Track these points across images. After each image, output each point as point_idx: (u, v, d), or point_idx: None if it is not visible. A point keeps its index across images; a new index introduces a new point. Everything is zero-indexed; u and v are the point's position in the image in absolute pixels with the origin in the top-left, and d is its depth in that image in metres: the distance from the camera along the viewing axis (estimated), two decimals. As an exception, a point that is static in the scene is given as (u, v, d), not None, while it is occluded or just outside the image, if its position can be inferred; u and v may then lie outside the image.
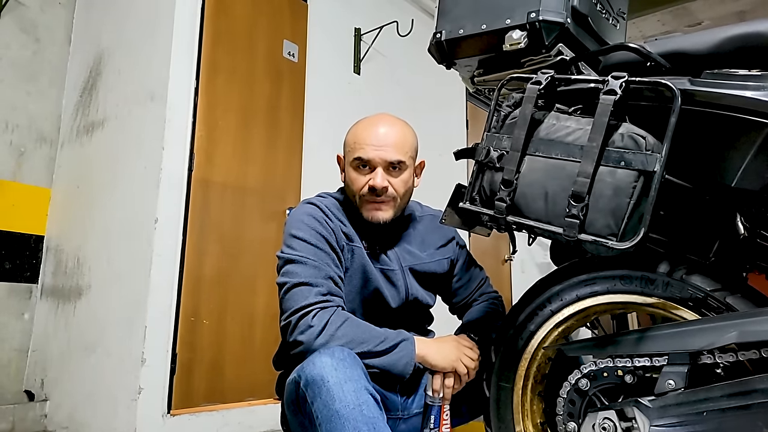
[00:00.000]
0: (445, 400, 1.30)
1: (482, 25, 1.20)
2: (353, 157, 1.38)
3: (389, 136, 1.37)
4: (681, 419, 0.98)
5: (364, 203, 1.39)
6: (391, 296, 1.43)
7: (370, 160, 1.36)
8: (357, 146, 1.37)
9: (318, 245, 1.32)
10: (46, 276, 2.81)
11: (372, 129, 1.38)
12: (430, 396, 1.30)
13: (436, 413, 1.29)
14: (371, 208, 1.39)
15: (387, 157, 1.36)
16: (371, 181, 1.36)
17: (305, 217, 1.36)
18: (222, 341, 2.52)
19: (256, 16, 2.89)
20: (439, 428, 1.29)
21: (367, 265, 1.40)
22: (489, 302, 1.57)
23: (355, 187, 1.39)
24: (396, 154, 1.37)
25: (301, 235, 1.32)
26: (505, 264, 4.81)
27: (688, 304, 1.05)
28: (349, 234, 1.40)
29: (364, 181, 1.37)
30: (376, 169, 1.36)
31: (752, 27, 1.00)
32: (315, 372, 1.11)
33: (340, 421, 1.06)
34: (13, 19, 2.79)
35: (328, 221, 1.37)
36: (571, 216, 0.97)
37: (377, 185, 1.35)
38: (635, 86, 1.00)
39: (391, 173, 1.38)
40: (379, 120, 1.42)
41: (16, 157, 2.77)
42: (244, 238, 2.67)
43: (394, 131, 1.39)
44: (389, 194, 1.38)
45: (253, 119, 2.80)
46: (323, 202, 1.42)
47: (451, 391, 1.30)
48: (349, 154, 1.40)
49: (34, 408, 2.57)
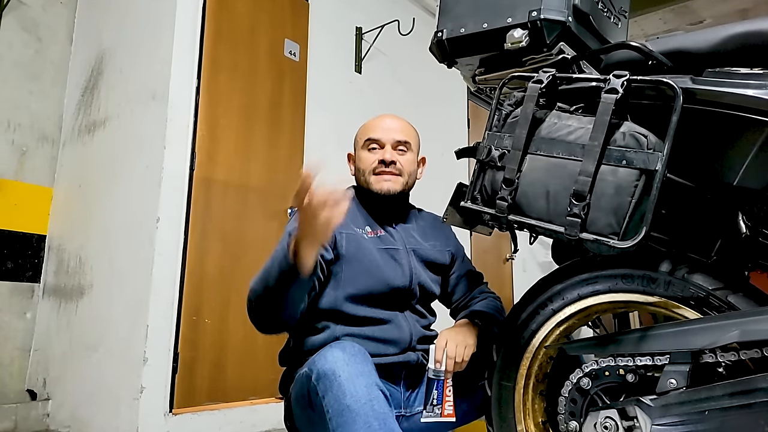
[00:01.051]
0: (447, 374, 1.30)
1: (483, 24, 1.20)
2: (365, 139, 1.52)
3: (396, 123, 1.55)
4: (683, 418, 0.98)
5: (374, 176, 1.50)
6: (395, 275, 1.45)
7: (380, 138, 1.51)
8: (368, 130, 1.53)
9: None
10: (48, 275, 2.81)
11: (381, 118, 1.57)
12: (433, 369, 1.29)
13: (440, 389, 1.29)
14: (380, 179, 1.49)
15: (395, 136, 1.51)
16: (381, 156, 1.49)
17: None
18: (224, 340, 2.52)
19: (257, 14, 2.89)
20: (441, 405, 1.28)
21: (365, 248, 1.43)
22: (490, 299, 1.58)
23: (365, 164, 1.51)
24: (403, 135, 1.52)
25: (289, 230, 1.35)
26: (507, 263, 4.81)
27: (689, 303, 1.05)
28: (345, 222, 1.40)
29: (375, 157, 1.50)
30: (385, 147, 1.50)
31: (754, 25, 1.00)
32: (327, 366, 1.12)
33: (351, 415, 1.07)
34: (15, 18, 2.80)
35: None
36: (573, 215, 0.97)
37: (387, 158, 1.49)
38: (637, 85, 1.00)
39: (398, 151, 1.51)
40: (386, 114, 1.60)
41: (18, 157, 2.77)
42: (245, 237, 2.67)
43: (401, 121, 1.57)
44: (397, 167, 1.50)
45: (254, 118, 2.80)
46: None
47: (453, 363, 1.31)
48: (360, 140, 1.54)
49: (36, 407, 2.58)
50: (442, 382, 1.29)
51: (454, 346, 1.34)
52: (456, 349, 1.33)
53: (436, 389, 1.29)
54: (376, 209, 1.53)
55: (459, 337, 1.37)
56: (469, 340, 1.37)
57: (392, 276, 1.44)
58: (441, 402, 1.28)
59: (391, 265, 1.45)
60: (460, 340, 1.36)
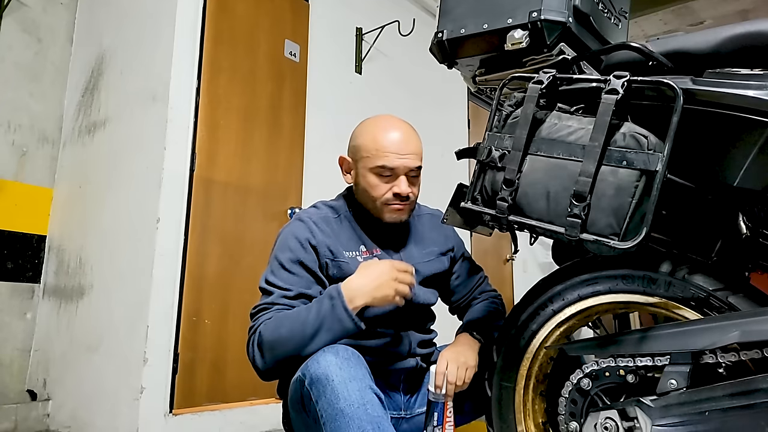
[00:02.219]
0: (448, 397, 1.30)
1: (484, 25, 1.20)
2: (376, 165, 1.38)
3: (410, 145, 1.40)
4: (683, 419, 0.98)
5: (386, 207, 1.41)
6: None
7: (395, 168, 1.37)
8: (380, 154, 1.37)
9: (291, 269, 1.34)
10: (48, 276, 2.81)
11: (391, 135, 1.39)
12: (432, 392, 1.29)
13: (440, 411, 1.29)
14: (394, 212, 1.41)
15: (410, 164, 1.39)
16: (396, 188, 1.38)
17: (289, 240, 1.38)
18: (224, 341, 2.52)
19: (257, 15, 2.89)
20: (442, 426, 1.28)
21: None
22: (489, 301, 1.57)
23: (376, 193, 1.40)
24: (417, 161, 1.40)
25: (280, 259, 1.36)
26: (507, 263, 4.81)
27: (690, 303, 1.05)
28: (335, 248, 1.39)
29: (387, 188, 1.39)
30: (398, 175, 1.39)
31: (755, 26, 1.00)
32: (320, 371, 1.11)
33: (345, 419, 1.06)
34: (16, 19, 2.80)
35: (312, 240, 1.37)
36: (573, 215, 0.97)
37: (403, 192, 1.38)
38: (637, 85, 1.00)
39: (410, 179, 1.41)
40: (393, 125, 1.43)
41: (19, 157, 2.77)
42: (245, 238, 2.67)
43: (413, 138, 1.42)
44: (411, 199, 1.42)
45: (254, 119, 2.80)
46: (313, 217, 1.43)
47: (453, 387, 1.30)
48: (368, 160, 1.39)
49: (36, 407, 2.58)
50: (442, 404, 1.29)
51: (455, 369, 1.31)
52: (457, 372, 1.31)
53: (437, 411, 1.28)
54: (377, 231, 1.47)
55: (460, 358, 1.33)
56: (470, 360, 1.34)
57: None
58: (441, 423, 1.28)
59: None
60: (461, 362, 1.32)
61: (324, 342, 1.20)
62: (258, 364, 1.25)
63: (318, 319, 1.21)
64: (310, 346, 1.19)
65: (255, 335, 1.26)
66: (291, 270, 1.34)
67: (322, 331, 1.20)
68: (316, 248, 1.37)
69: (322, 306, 1.23)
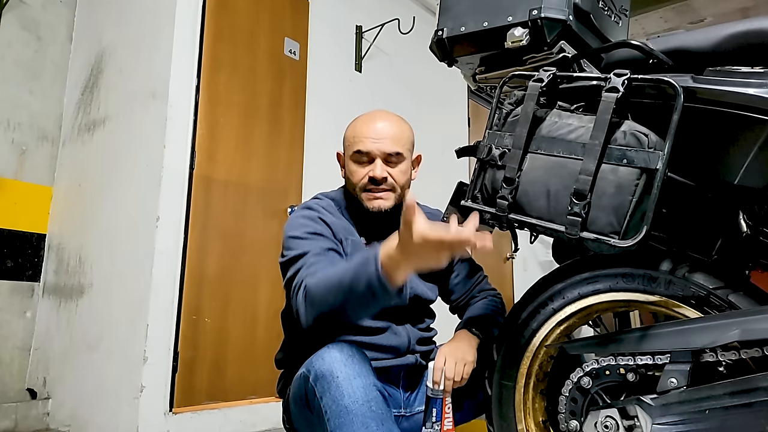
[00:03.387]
0: (446, 393, 1.29)
1: (484, 23, 1.20)
2: (353, 151, 1.41)
3: (386, 129, 1.41)
4: (683, 417, 0.98)
5: (365, 194, 1.42)
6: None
7: (369, 151, 1.39)
8: (356, 140, 1.41)
9: (310, 239, 1.33)
10: (48, 274, 2.81)
11: (370, 123, 1.42)
12: (431, 389, 1.29)
13: (438, 407, 1.28)
14: (372, 198, 1.41)
15: (385, 148, 1.39)
16: (371, 172, 1.40)
17: (300, 219, 1.39)
18: (224, 339, 2.52)
19: (257, 13, 2.89)
20: (441, 422, 1.28)
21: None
22: (489, 299, 1.57)
23: (355, 179, 1.42)
24: (394, 146, 1.40)
25: (295, 234, 1.34)
26: (507, 262, 4.81)
27: (690, 302, 1.05)
28: (347, 229, 1.41)
29: (364, 172, 1.41)
30: (375, 160, 1.40)
31: (755, 24, 1.00)
32: (324, 367, 1.11)
33: (349, 416, 1.06)
34: (15, 17, 2.79)
35: (323, 218, 1.39)
36: (573, 214, 0.97)
37: (377, 175, 1.39)
38: (637, 84, 1.00)
39: (389, 164, 1.41)
40: (376, 115, 1.46)
41: (18, 156, 2.77)
42: (246, 236, 2.67)
43: (391, 125, 1.43)
44: (389, 183, 1.41)
45: (254, 117, 2.80)
46: (318, 204, 1.45)
47: (452, 383, 1.30)
48: (349, 148, 1.44)
49: (36, 406, 2.58)
50: (440, 401, 1.28)
51: (453, 364, 1.30)
52: (455, 368, 1.30)
53: (435, 407, 1.28)
54: (369, 224, 1.46)
55: (458, 354, 1.33)
56: (468, 356, 1.34)
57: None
58: (440, 419, 1.28)
59: None
60: (459, 358, 1.32)
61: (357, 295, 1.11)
62: (308, 317, 1.20)
63: (351, 274, 1.13)
64: (348, 299, 1.13)
65: (300, 289, 1.21)
66: (310, 239, 1.33)
67: (352, 285, 1.11)
68: (331, 226, 1.39)
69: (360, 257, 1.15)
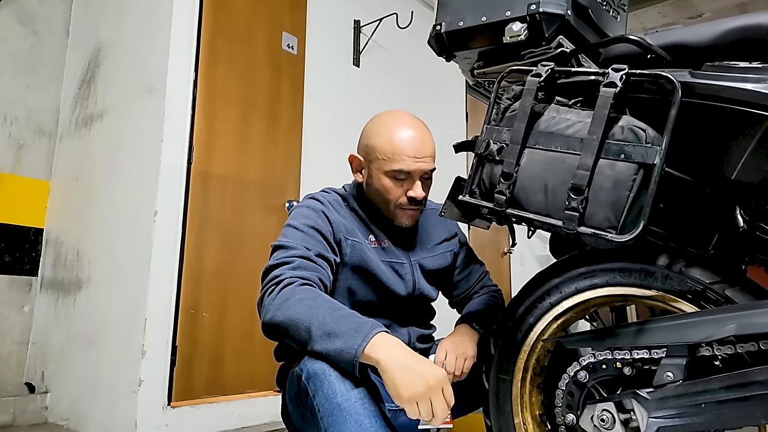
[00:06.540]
0: None
1: (482, 17, 1.19)
2: (391, 168, 1.35)
3: (427, 147, 1.37)
4: (679, 411, 0.98)
5: (400, 211, 1.40)
6: (399, 288, 1.43)
7: (412, 172, 1.36)
8: (396, 157, 1.34)
9: (307, 233, 1.32)
10: (45, 269, 2.81)
11: (409, 139, 1.35)
12: None
13: None
14: (408, 215, 1.41)
15: (426, 168, 1.37)
16: (411, 192, 1.38)
17: (304, 210, 1.38)
18: (222, 333, 2.53)
19: (255, 7, 2.87)
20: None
21: (369, 259, 1.39)
22: (489, 295, 1.58)
23: (391, 196, 1.38)
24: (432, 164, 1.39)
25: (294, 224, 1.34)
26: (505, 256, 4.82)
27: (687, 296, 1.05)
28: (350, 229, 1.40)
29: (402, 191, 1.38)
30: (414, 179, 1.37)
31: (753, 19, 1.00)
32: (317, 365, 1.11)
33: (342, 414, 1.06)
34: (12, 11, 2.78)
35: (327, 214, 1.38)
36: (571, 209, 0.97)
37: (418, 196, 1.37)
38: (635, 79, 1.00)
39: (424, 181, 1.40)
40: (411, 125, 1.38)
41: (15, 150, 2.76)
42: (243, 231, 2.67)
43: (428, 139, 1.39)
44: (424, 201, 1.42)
45: (252, 111, 2.79)
46: (326, 197, 1.44)
47: (452, 377, 1.30)
48: (384, 163, 1.36)
49: (34, 400, 2.58)
50: None
51: (454, 359, 1.32)
52: (455, 362, 1.32)
53: None
54: (384, 225, 1.46)
55: (459, 348, 1.35)
56: (468, 351, 1.35)
57: (394, 289, 1.42)
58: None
59: (394, 279, 1.43)
60: (460, 353, 1.34)
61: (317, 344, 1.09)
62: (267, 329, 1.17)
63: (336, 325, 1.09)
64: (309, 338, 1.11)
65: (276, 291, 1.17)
66: (308, 233, 1.32)
67: (325, 339, 1.08)
68: (332, 223, 1.37)
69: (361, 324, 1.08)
